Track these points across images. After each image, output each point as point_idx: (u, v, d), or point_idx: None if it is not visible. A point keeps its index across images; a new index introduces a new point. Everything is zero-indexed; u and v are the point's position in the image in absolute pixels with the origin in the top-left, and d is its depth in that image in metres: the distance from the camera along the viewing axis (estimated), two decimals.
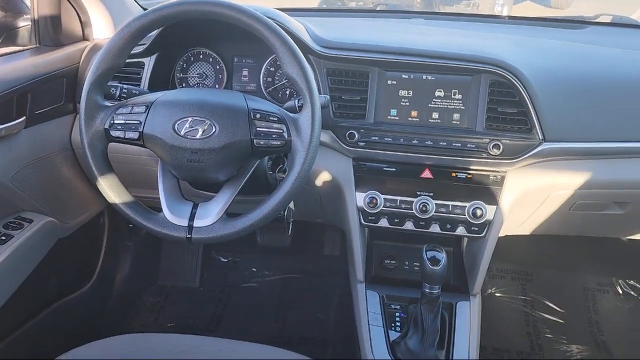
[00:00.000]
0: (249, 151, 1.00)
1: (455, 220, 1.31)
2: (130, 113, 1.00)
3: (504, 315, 2.10)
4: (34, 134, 1.33)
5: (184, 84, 1.45)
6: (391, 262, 1.46)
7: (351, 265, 1.43)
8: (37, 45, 1.46)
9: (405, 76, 1.28)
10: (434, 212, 1.30)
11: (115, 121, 1.00)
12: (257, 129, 0.98)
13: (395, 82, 1.29)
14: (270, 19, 0.99)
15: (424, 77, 1.28)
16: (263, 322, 2.03)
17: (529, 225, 1.49)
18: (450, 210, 1.30)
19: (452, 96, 1.27)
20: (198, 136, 0.97)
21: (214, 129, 0.97)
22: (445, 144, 1.27)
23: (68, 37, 1.47)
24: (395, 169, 1.32)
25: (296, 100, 1.09)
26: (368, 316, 1.31)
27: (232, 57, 1.43)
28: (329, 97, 1.21)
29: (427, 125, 1.28)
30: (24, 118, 1.27)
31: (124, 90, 1.12)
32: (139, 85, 1.34)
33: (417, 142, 1.27)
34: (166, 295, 2.15)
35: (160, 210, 1.03)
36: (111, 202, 1.04)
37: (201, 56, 1.44)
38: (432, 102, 1.28)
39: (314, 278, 2.22)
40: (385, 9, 2.23)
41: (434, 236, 1.34)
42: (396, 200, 1.32)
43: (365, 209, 1.33)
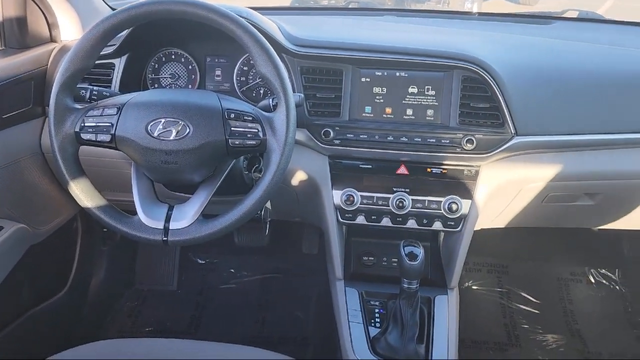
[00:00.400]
0: (224, 151, 0.99)
1: (432, 215, 1.32)
2: (101, 115, 0.98)
3: (481, 307, 2.13)
4: (1, 139, 1.29)
5: (156, 85, 1.43)
6: (369, 259, 1.47)
7: (330, 263, 1.43)
8: (3, 47, 1.42)
9: (379, 73, 1.29)
10: (411, 208, 1.31)
11: (86, 124, 0.98)
12: (232, 128, 0.98)
13: (369, 80, 1.29)
14: (243, 18, 0.98)
15: (398, 74, 1.29)
16: (243, 323, 2.02)
17: (503, 218, 1.51)
18: (426, 205, 1.31)
19: (426, 92, 1.28)
20: (172, 137, 0.96)
21: (187, 130, 0.96)
22: (419, 140, 1.28)
23: (35, 39, 1.44)
24: (371, 166, 1.33)
25: (270, 99, 1.09)
26: (348, 313, 1.31)
27: (205, 57, 1.42)
28: (303, 96, 1.21)
29: (402, 122, 1.29)
30: None
31: (94, 92, 1.10)
32: (109, 87, 1.31)
33: (392, 139, 1.28)
34: (143, 299, 2.12)
35: (135, 213, 1.01)
36: (84, 207, 1.02)
37: (173, 56, 1.42)
38: (406, 99, 1.29)
39: (293, 277, 2.22)
40: (357, 7, 2.24)
41: (411, 232, 1.35)
42: (373, 197, 1.32)
43: (342, 206, 1.33)
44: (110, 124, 0.98)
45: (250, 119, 0.99)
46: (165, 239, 0.99)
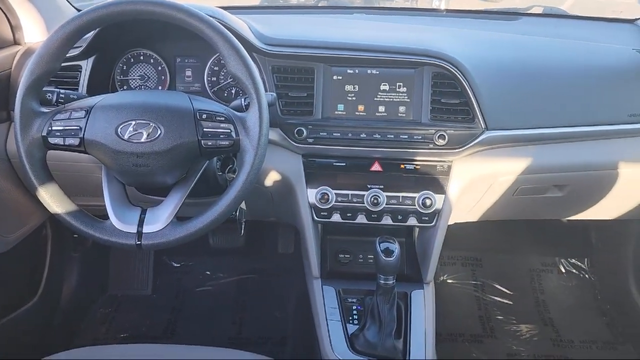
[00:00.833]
0: (196, 152, 0.98)
1: (406, 211, 1.33)
2: (69, 119, 0.97)
3: (456, 300, 2.16)
4: None
5: (125, 87, 1.40)
6: (345, 257, 1.47)
7: (306, 261, 1.43)
8: None
9: (351, 71, 1.29)
10: (385, 205, 1.32)
11: (54, 128, 0.96)
12: (204, 129, 0.97)
13: (340, 77, 1.30)
14: (212, 17, 0.98)
15: (369, 72, 1.29)
16: (220, 325, 2.01)
17: (476, 212, 1.54)
18: (400, 201, 1.32)
19: (397, 89, 1.29)
20: (143, 140, 0.95)
21: (159, 132, 0.95)
22: (392, 136, 1.29)
23: None
24: (345, 164, 1.33)
25: (242, 99, 1.08)
26: (325, 311, 1.31)
27: (175, 58, 1.40)
28: (275, 95, 1.20)
29: (374, 119, 1.30)
30: None
31: (61, 95, 1.07)
32: (77, 89, 1.29)
33: (365, 136, 1.29)
34: (118, 305, 2.08)
35: (106, 218, 1.00)
36: (53, 213, 1.00)
37: (142, 57, 1.40)
38: (378, 96, 1.30)
39: (270, 277, 2.21)
40: (327, 5, 2.24)
41: (386, 228, 1.36)
42: (347, 194, 1.33)
43: (317, 204, 1.33)
44: (78, 128, 0.96)
45: (223, 119, 0.98)
46: (139, 242, 0.98)
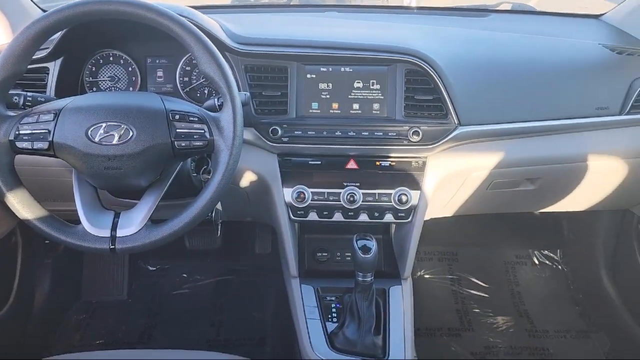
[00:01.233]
0: (170, 154, 0.97)
1: (383, 208, 1.34)
2: (37, 122, 0.94)
3: (434, 295, 2.19)
4: None
5: (94, 89, 1.38)
6: (323, 255, 1.47)
7: (284, 261, 1.43)
8: None
9: (324, 69, 1.29)
10: (362, 202, 1.32)
11: (21, 131, 0.94)
12: (177, 130, 0.96)
13: (314, 76, 1.29)
14: (183, 17, 0.96)
15: (342, 69, 1.29)
16: (199, 328, 1.99)
17: (451, 207, 1.55)
18: (377, 198, 1.33)
19: (371, 87, 1.30)
20: (114, 142, 0.93)
21: (131, 134, 0.94)
22: (367, 133, 1.29)
23: None
24: (320, 162, 1.33)
25: (216, 99, 1.07)
26: (305, 310, 1.31)
27: (145, 58, 1.38)
28: (249, 94, 1.19)
29: (349, 117, 1.30)
30: None
31: (28, 98, 1.05)
32: (44, 92, 1.26)
33: (340, 134, 1.29)
34: (92, 311, 2.05)
35: (78, 222, 0.98)
36: (23, 218, 0.98)
37: (111, 58, 1.37)
38: (352, 94, 1.30)
39: (248, 278, 2.20)
40: (299, 4, 2.24)
41: (363, 225, 1.37)
42: (324, 192, 1.33)
43: (294, 203, 1.33)
44: (47, 131, 0.94)
45: (196, 119, 0.97)
46: (113, 247, 0.96)
